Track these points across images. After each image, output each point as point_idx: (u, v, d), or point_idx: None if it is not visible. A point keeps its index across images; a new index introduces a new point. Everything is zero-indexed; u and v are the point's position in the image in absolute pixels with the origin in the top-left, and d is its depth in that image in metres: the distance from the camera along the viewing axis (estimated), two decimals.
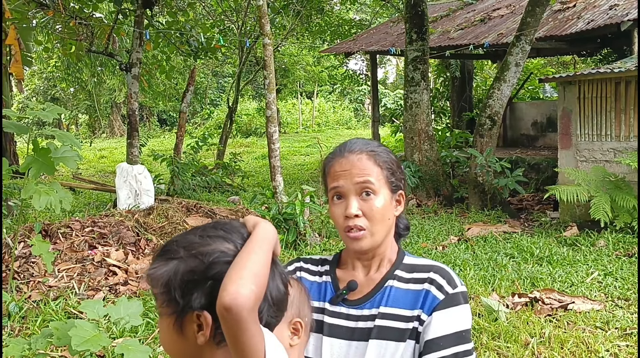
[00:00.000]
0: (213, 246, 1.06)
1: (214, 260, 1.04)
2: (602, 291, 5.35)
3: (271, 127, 7.92)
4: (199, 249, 1.05)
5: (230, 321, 0.97)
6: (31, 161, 3.70)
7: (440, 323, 1.35)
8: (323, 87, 34.17)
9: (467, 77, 15.96)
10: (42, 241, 4.44)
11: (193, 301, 1.03)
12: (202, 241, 1.07)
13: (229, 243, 1.07)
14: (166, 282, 1.05)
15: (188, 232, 1.12)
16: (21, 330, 4.53)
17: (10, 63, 10.85)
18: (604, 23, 10.04)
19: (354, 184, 1.39)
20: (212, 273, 1.03)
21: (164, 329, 1.08)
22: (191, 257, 1.05)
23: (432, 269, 1.43)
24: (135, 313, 2.56)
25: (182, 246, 1.07)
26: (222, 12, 15.56)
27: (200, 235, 1.09)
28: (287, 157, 18.12)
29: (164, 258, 1.08)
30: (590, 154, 8.09)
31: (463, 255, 6.54)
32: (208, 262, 1.04)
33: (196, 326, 1.04)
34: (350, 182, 1.39)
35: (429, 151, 10.29)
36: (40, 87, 26.23)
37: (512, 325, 4.51)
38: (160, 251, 1.10)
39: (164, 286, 1.05)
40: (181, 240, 1.09)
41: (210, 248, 1.05)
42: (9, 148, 13.25)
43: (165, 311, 1.07)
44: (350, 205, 1.38)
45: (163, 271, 1.06)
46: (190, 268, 1.04)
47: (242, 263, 1.01)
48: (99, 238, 6.45)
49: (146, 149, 13.14)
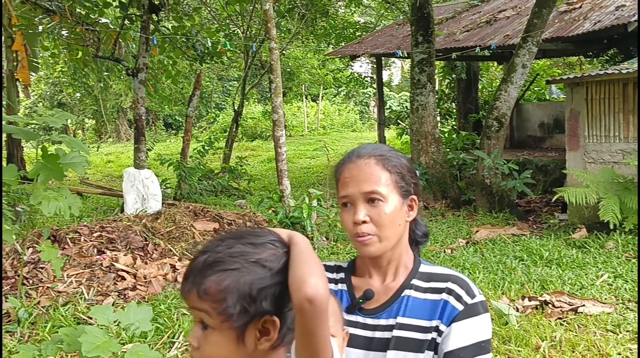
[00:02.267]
0: (267, 252, 1.07)
1: (278, 265, 1.06)
2: (613, 293, 5.31)
3: (278, 131, 7.92)
4: (257, 257, 1.06)
5: (312, 313, 0.99)
6: (40, 167, 3.71)
7: (459, 334, 1.33)
8: (328, 90, 34.17)
9: (473, 79, 15.92)
10: (51, 247, 4.46)
11: (264, 307, 1.05)
12: (256, 249, 1.07)
13: (276, 250, 1.09)
14: (236, 293, 1.04)
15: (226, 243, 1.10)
16: (31, 336, 4.54)
17: (17, 69, 10.90)
18: (610, 24, 9.99)
19: (361, 193, 1.38)
20: (279, 277, 1.05)
21: (220, 343, 1.06)
22: (254, 265, 1.06)
23: (450, 278, 1.41)
24: (145, 318, 2.56)
25: (236, 256, 1.06)
26: (228, 16, 15.59)
27: (248, 243, 1.09)
28: (293, 160, 18.11)
29: (216, 270, 1.05)
30: (598, 156, 8.05)
31: (472, 258, 6.51)
32: (275, 268, 1.06)
33: (258, 333, 1.06)
34: (357, 190, 1.38)
35: (435, 153, 10.26)
36: (46, 93, 26.32)
37: (523, 328, 4.48)
38: (206, 265, 1.07)
39: (232, 297, 1.04)
40: (228, 250, 1.08)
41: (266, 255, 1.07)
42: (16, 154, 13.29)
43: (227, 325, 1.05)
44: (358, 212, 1.37)
45: (228, 283, 1.04)
46: (259, 276, 1.05)
47: (310, 261, 1.04)
48: (107, 243, 6.46)
49: (152, 154, 13.17)
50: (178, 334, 4.49)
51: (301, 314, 1.00)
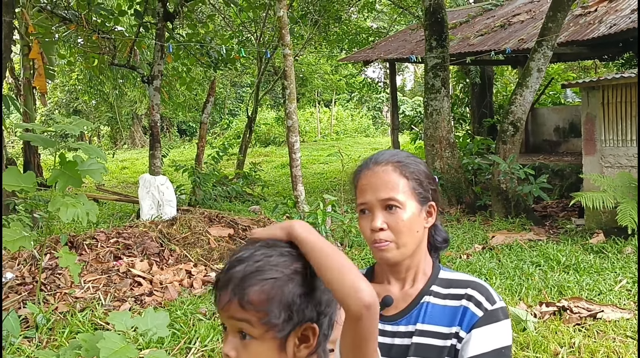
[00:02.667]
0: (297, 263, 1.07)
1: (311, 272, 1.06)
2: (632, 299, 5.25)
3: (292, 137, 7.93)
4: (292, 267, 1.06)
5: (370, 319, 1.00)
6: (58, 174, 3.75)
7: (479, 340, 1.32)
8: (341, 96, 34.20)
9: (487, 84, 15.85)
10: (68, 253, 4.50)
11: (306, 315, 1.05)
12: (288, 258, 1.07)
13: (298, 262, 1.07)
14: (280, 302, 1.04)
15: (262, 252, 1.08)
16: (49, 341, 4.57)
17: (33, 77, 11.03)
18: (626, 27, 9.90)
19: (378, 201, 1.38)
20: (316, 283, 1.06)
21: (261, 352, 1.05)
22: (294, 274, 1.05)
23: (469, 285, 1.41)
24: (162, 324, 2.57)
25: (275, 265, 1.05)
26: (241, 23, 15.68)
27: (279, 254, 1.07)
28: (306, 166, 18.14)
29: (259, 280, 1.04)
30: (615, 160, 7.97)
31: (488, 264, 6.47)
32: (310, 275, 1.06)
33: (297, 340, 1.06)
34: (374, 197, 1.38)
35: (450, 158, 10.22)
36: (62, 100, 26.61)
37: (541, 334, 4.44)
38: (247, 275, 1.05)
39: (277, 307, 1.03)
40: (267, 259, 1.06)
41: (298, 265, 1.07)
42: (33, 161, 13.44)
43: (270, 334, 1.04)
44: (375, 219, 1.37)
45: (273, 292, 1.04)
46: (300, 283, 1.05)
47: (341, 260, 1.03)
48: (123, 249, 6.50)
49: (167, 160, 13.25)
50: (194, 340, 4.50)
51: (358, 322, 1.00)
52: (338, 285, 1.01)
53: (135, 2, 10.30)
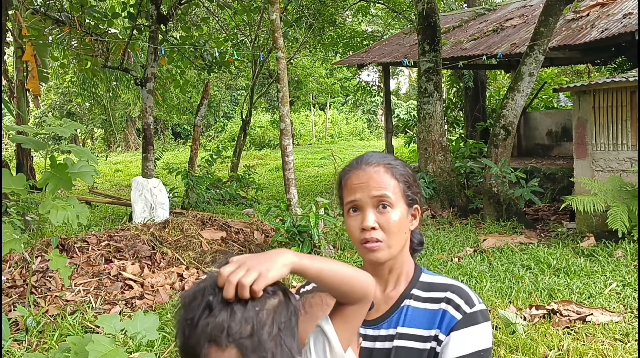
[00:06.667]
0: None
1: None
2: (621, 302, 5.28)
3: (285, 140, 7.94)
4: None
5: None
6: (49, 176, 3.75)
7: (458, 343, 1.33)
8: (336, 99, 34.24)
9: (480, 87, 15.91)
10: (59, 256, 4.49)
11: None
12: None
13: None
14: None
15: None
16: (39, 344, 4.56)
17: (27, 79, 11.01)
18: (618, 32, 9.97)
19: (370, 198, 1.38)
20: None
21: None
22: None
23: (449, 288, 1.42)
24: (152, 327, 2.57)
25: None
26: (235, 26, 15.68)
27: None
28: (300, 169, 18.14)
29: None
30: (606, 164, 8.02)
31: (479, 267, 6.49)
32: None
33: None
34: (367, 195, 1.38)
35: (443, 161, 10.25)
36: (56, 102, 26.54)
37: (530, 337, 4.46)
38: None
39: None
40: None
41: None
42: (25, 163, 13.41)
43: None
44: (367, 218, 1.37)
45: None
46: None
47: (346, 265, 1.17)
48: (115, 252, 6.49)
49: (161, 163, 13.24)
50: None
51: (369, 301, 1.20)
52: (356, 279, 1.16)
53: (128, 4, 10.30)
